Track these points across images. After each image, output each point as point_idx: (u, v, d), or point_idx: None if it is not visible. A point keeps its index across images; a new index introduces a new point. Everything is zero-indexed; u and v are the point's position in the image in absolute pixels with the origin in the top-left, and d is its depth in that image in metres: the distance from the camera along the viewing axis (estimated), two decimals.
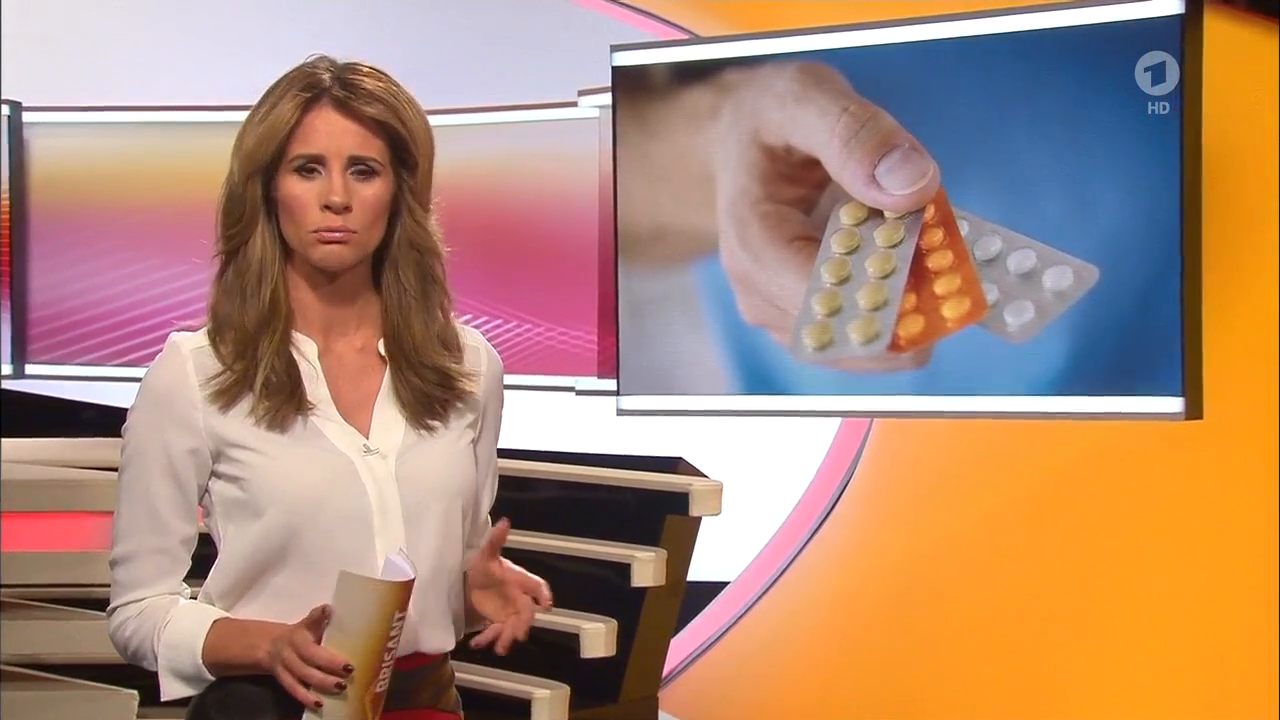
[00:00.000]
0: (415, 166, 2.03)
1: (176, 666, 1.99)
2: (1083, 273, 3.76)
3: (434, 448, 2.03)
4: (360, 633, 1.87)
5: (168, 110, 5.50)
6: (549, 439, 4.92)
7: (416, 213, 2.04)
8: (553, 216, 4.97)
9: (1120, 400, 3.76)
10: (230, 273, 2.02)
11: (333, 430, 2.00)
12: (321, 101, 2.00)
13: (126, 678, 3.78)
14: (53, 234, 5.55)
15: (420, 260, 2.04)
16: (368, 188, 2.00)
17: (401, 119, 2.01)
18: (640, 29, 5.10)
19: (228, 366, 1.99)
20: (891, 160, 3.91)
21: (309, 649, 1.88)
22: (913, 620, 4.51)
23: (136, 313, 5.47)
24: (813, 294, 4.00)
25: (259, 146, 2.00)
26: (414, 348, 2.03)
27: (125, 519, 2.03)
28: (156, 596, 2.02)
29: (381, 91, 2.01)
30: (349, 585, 1.88)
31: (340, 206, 1.98)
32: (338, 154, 1.99)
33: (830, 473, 4.98)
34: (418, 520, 2.01)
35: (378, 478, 2.00)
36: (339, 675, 1.88)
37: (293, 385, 1.99)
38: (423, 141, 2.03)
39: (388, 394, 2.04)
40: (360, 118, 2.00)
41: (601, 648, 4.29)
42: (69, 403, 5.78)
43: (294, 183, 1.99)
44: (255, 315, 1.99)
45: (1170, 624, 4.01)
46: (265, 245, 2.01)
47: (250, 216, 2.01)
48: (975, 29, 3.90)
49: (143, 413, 2.02)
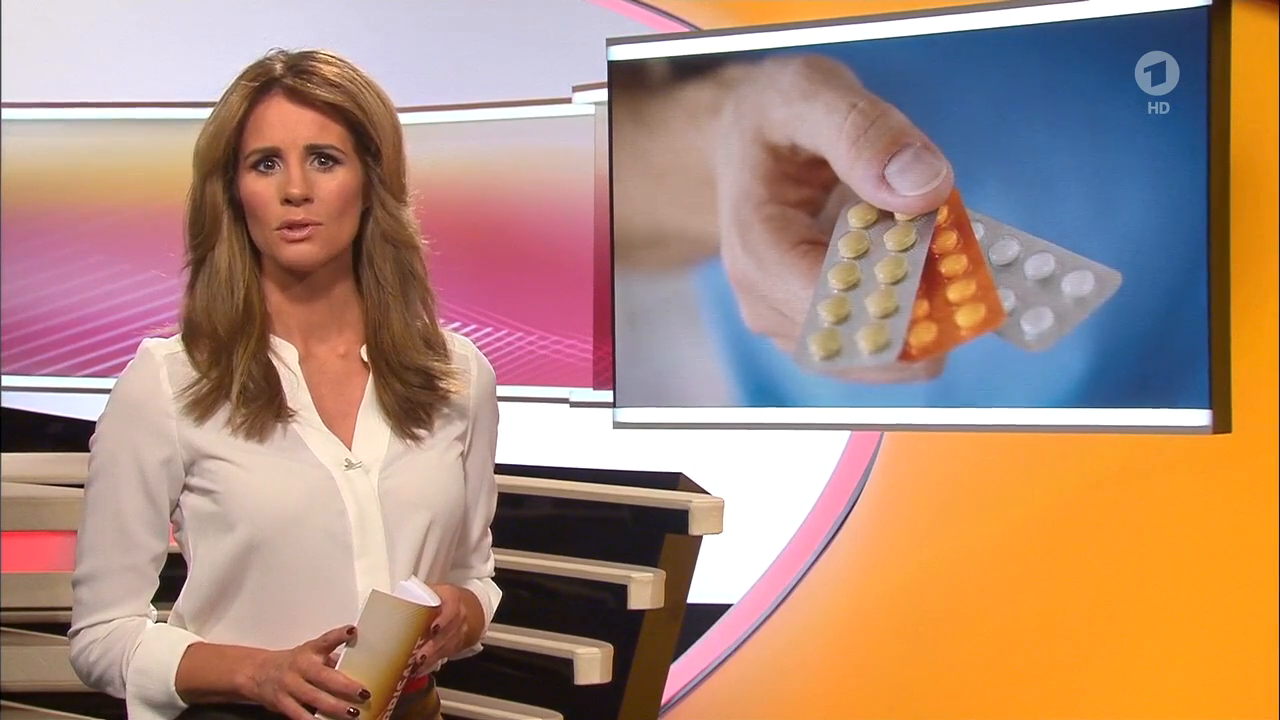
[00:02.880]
0: (379, 154, 1.97)
1: (146, 694, 1.96)
2: (1104, 278, 3.71)
3: (419, 460, 2.00)
4: (383, 658, 1.87)
5: (142, 107, 5.49)
6: (542, 453, 4.89)
7: (389, 204, 1.99)
8: (546, 219, 4.97)
9: (1144, 413, 3.70)
10: (200, 281, 1.99)
11: (314, 440, 1.97)
12: (271, 91, 1.97)
13: (94, 707, 3.80)
14: (21, 236, 5.52)
15: (397, 254, 2.00)
16: (330, 178, 1.96)
17: (359, 103, 1.96)
18: (638, 22, 5.07)
19: (203, 374, 1.96)
20: (902, 160, 3.87)
21: (321, 672, 1.87)
22: (926, 644, 4.45)
23: (108, 320, 5.46)
24: (819, 300, 3.96)
25: (210, 146, 1.97)
26: (394, 347, 1.99)
27: (91, 534, 1.98)
28: (124, 618, 1.98)
29: (336, 76, 1.97)
30: (380, 606, 1.87)
31: (299, 198, 1.94)
32: (293, 144, 1.95)
33: (838, 489, 4.92)
34: (400, 538, 1.97)
35: (358, 494, 1.96)
36: (354, 701, 1.87)
37: (271, 392, 1.97)
38: (384, 126, 1.98)
39: (371, 402, 2.00)
40: (314, 104, 1.95)
41: (597, 674, 4.23)
42: (34, 415, 5.72)
43: (253, 180, 1.96)
44: (228, 321, 1.97)
45: (1195, 646, 3.95)
46: (233, 250, 1.98)
47: (213, 221, 1.98)
48: (989, 21, 3.85)
49: (113, 421, 1.97)
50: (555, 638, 4.24)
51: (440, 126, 4.95)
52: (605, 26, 4.71)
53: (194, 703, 1.95)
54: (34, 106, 5.54)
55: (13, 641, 3.99)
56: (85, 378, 5.46)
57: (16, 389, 5.57)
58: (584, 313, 4.83)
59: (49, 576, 4.06)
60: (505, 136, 5.04)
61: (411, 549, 1.98)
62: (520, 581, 4.33)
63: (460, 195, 4.96)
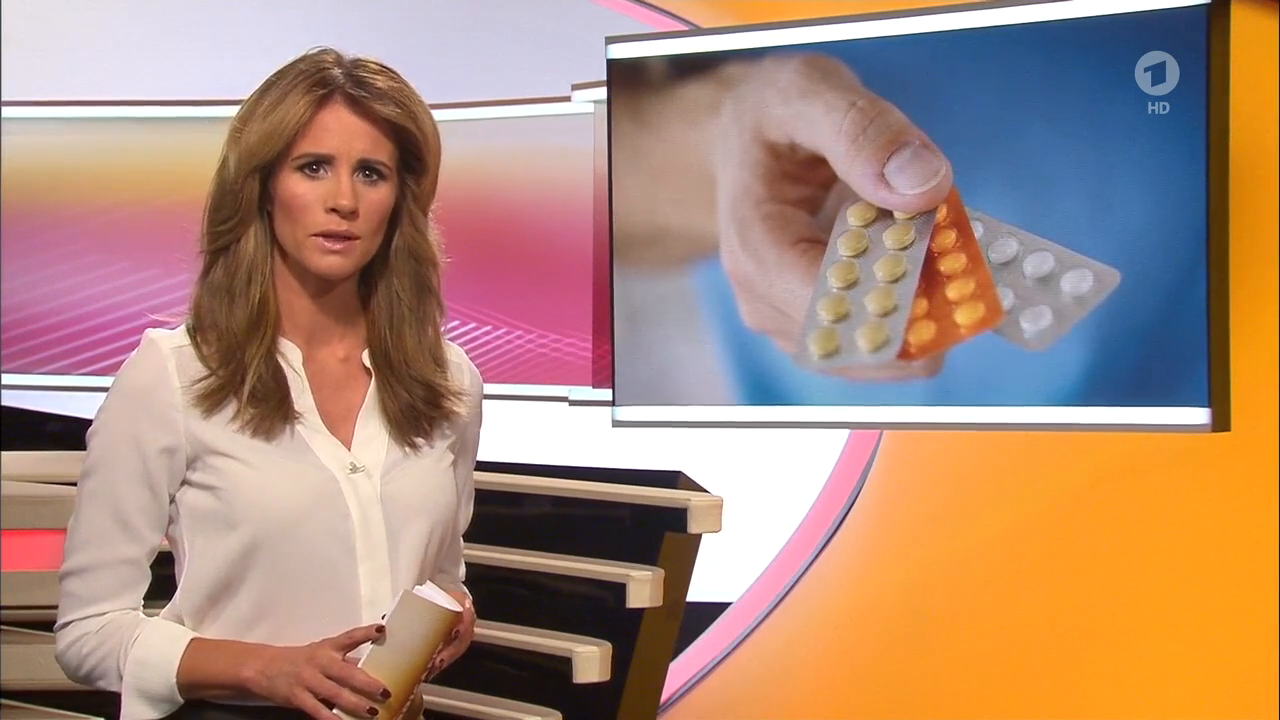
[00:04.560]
0: (423, 173, 1.99)
1: (145, 686, 1.93)
2: (1103, 276, 3.70)
3: (418, 467, 2.00)
4: (407, 659, 1.87)
5: (142, 105, 5.44)
6: (541, 452, 4.88)
7: (418, 220, 2.01)
8: (545, 217, 4.96)
9: (1143, 411, 3.70)
10: (218, 271, 1.97)
11: (319, 443, 1.96)
12: (334, 99, 1.95)
13: (94, 706, 3.80)
14: (20, 234, 5.50)
15: (418, 270, 2.01)
16: (374, 192, 1.96)
17: (416, 122, 1.98)
18: (637, 20, 5.06)
19: (212, 370, 1.94)
20: (901, 158, 3.86)
21: (344, 669, 1.86)
22: (925, 643, 4.45)
23: (107, 318, 5.44)
24: (819, 299, 3.95)
25: (264, 142, 1.94)
26: (404, 361, 2.00)
27: (87, 527, 1.95)
28: (119, 611, 1.95)
29: (395, 91, 1.97)
30: (412, 606, 1.87)
31: (348, 210, 1.93)
32: (348, 155, 1.94)
33: (837, 488, 4.93)
34: (402, 543, 1.97)
35: (362, 498, 1.95)
36: (375, 701, 1.86)
37: (281, 394, 1.96)
38: (433, 147, 2.01)
39: (372, 407, 2.00)
40: (374, 118, 1.96)
41: (595, 672, 4.22)
42: (33, 413, 5.70)
43: (297, 181, 1.94)
44: (243, 318, 1.96)
45: (1195, 645, 3.94)
46: (257, 245, 1.96)
47: (245, 214, 1.96)
48: (989, 20, 3.84)
49: (116, 411, 1.95)
50: (554, 636, 4.23)
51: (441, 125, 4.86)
52: (605, 25, 4.70)
53: (191, 697, 1.93)
54: (33, 105, 5.53)
55: (12, 640, 3.99)
56: (84, 376, 5.45)
57: (16, 387, 5.56)
58: (583, 311, 4.82)
59: (48, 575, 3.93)
60: (504, 135, 5.03)
61: (413, 553, 1.98)
62: (519, 580, 4.33)
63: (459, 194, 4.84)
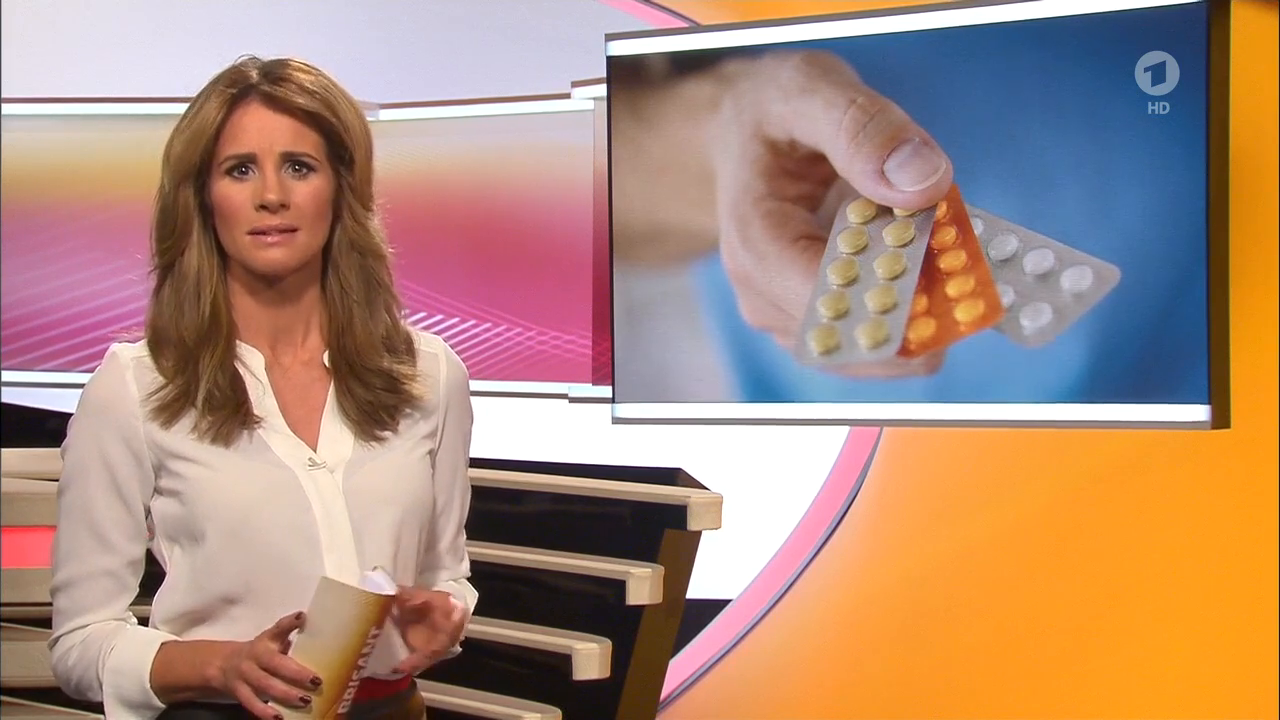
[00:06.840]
0: (352, 162, 1.99)
1: (123, 693, 1.96)
2: (1103, 273, 3.70)
3: (384, 460, 2.01)
4: (334, 645, 1.86)
5: (142, 102, 5.44)
6: (541, 449, 4.88)
7: (357, 212, 2.01)
8: (544, 214, 4.95)
9: (1143, 408, 3.70)
10: (167, 287, 2.00)
11: (278, 442, 1.97)
12: (249, 98, 1.97)
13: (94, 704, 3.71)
14: (20, 232, 5.49)
15: (363, 262, 2.02)
16: (304, 184, 1.97)
17: (335, 111, 1.98)
18: (637, 17, 5.06)
19: (169, 380, 1.96)
20: (901, 155, 3.86)
21: (273, 659, 1.87)
22: (925, 640, 4.44)
23: (107, 315, 5.41)
24: (818, 296, 3.95)
25: (186, 151, 1.98)
26: (356, 351, 2.00)
27: (67, 541, 1.99)
28: (100, 622, 1.97)
29: (312, 84, 1.98)
30: (330, 593, 1.87)
31: (275, 205, 1.95)
32: (269, 151, 1.96)
33: (837, 485, 4.91)
34: (367, 536, 1.97)
35: (323, 491, 1.96)
36: (306, 689, 1.86)
37: (237, 400, 1.98)
38: (358, 135, 2.00)
39: (334, 407, 2.01)
40: (292, 111, 1.97)
41: (595, 669, 4.22)
42: (33, 411, 5.68)
43: (226, 185, 1.97)
44: (195, 328, 1.98)
45: (1194, 642, 3.93)
46: (201, 255, 1.99)
47: (184, 226, 1.99)
48: (989, 17, 3.84)
49: (82, 425, 1.98)
50: (554, 633, 4.23)
51: (439, 122, 4.88)
52: (604, 22, 4.69)
53: (170, 700, 1.94)
54: (33, 102, 5.52)
55: (12, 637, 3.99)
56: (85, 373, 5.30)
57: (16, 384, 5.56)
58: (583, 308, 4.81)
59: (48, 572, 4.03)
60: (504, 132, 5.00)
61: (380, 544, 1.98)
62: (519, 577, 4.32)
63: (459, 191, 4.93)
